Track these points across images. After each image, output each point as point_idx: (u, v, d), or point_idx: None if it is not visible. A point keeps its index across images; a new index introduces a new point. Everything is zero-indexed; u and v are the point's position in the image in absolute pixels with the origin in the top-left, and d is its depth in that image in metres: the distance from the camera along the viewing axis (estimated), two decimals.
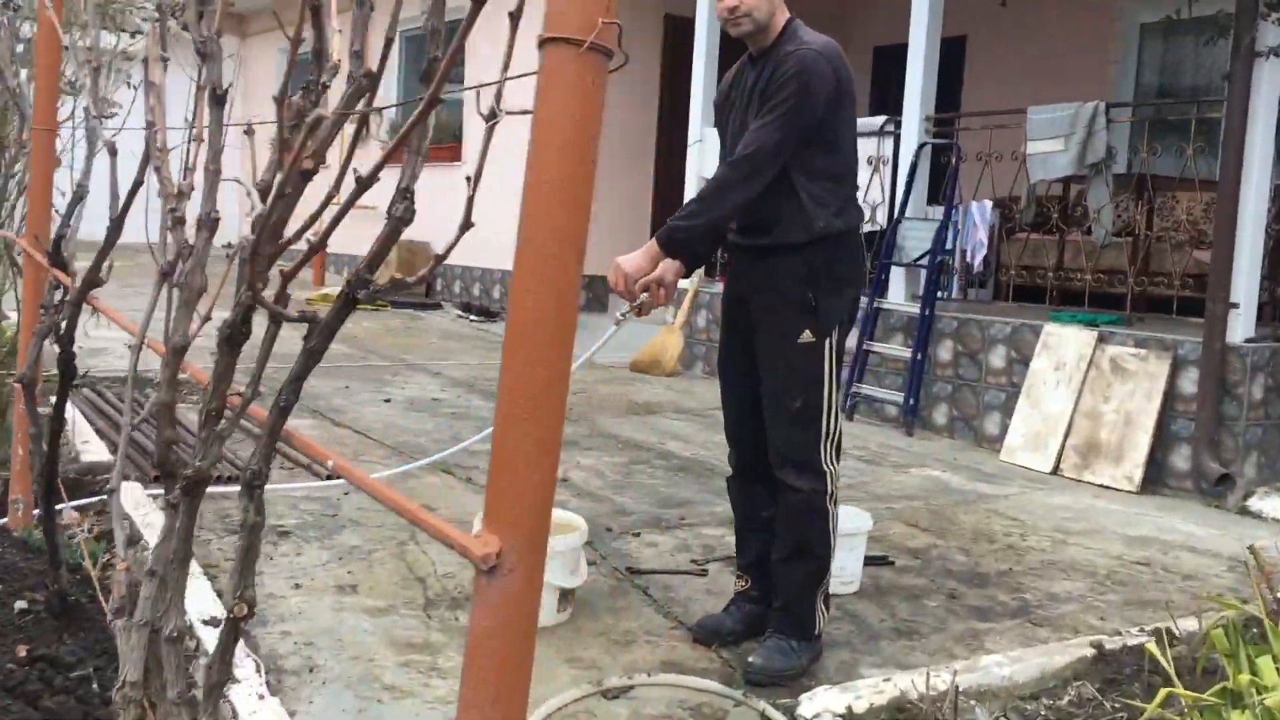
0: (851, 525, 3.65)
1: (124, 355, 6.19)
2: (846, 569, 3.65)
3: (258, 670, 2.73)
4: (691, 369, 8.47)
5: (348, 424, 5.59)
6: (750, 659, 2.98)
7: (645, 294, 3.09)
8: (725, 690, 2.85)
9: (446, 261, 10.89)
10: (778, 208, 2.94)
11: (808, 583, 3.04)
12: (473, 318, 10.32)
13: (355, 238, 11.48)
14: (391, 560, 3.62)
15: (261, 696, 2.59)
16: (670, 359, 8.12)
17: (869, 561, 3.88)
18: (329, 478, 4.49)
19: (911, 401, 6.61)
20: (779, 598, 3.08)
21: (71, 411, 5.23)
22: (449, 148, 11.30)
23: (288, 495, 4.23)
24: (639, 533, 4.14)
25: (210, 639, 2.81)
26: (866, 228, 7.39)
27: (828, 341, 2.98)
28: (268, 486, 1.53)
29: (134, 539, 3.59)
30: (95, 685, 2.50)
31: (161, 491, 3.85)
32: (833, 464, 3.05)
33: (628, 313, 3.13)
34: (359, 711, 2.61)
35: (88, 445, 4.66)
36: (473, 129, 11.02)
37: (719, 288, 8.20)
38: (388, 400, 6.29)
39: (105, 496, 3.55)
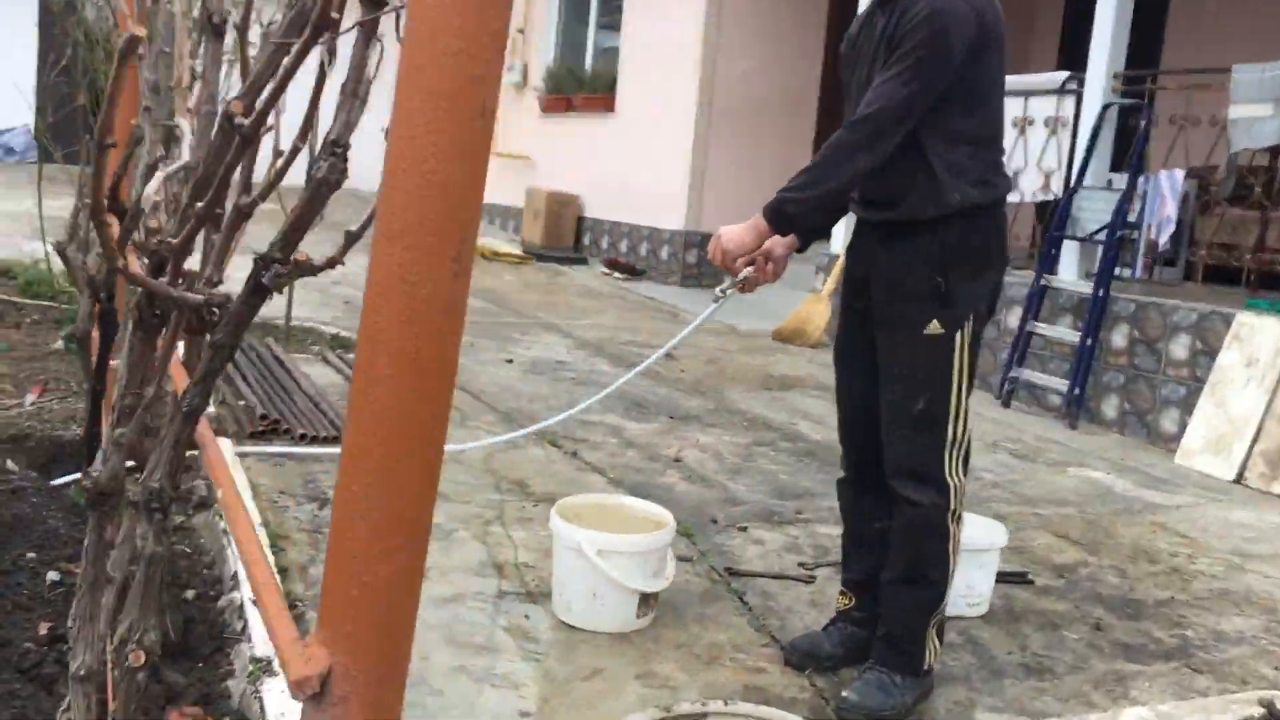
0: (983, 539, 3.20)
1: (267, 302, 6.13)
2: (975, 588, 3.21)
3: None
4: None
5: (462, 384, 5.38)
6: (845, 693, 2.59)
7: (750, 268, 2.71)
8: None
9: (594, 215, 10.67)
10: (906, 177, 2.50)
11: (919, 611, 2.63)
12: (617, 275, 10.04)
13: (512, 191, 11.35)
14: (472, 542, 3.36)
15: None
16: (816, 329, 7.66)
17: (1003, 579, 3.42)
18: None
19: (1077, 391, 6.00)
20: (885, 625, 2.68)
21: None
22: (602, 98, 10.99)
23: None
24: (746, 526, 3.77)
25: (258, 621, 2.60)
26: (1040, 197, 6.76)
27: (959, 334, 2.54)
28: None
29: (204, 503, 3.43)
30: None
31: (257, 448, 3.65)
32: (958, 476, 2.61)
33: (728, 289, 2.75)
34: None
35: None
36: (629, 79, 10.68)
37: None
38: (510, 361, 6.06)
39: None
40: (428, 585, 3.05)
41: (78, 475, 2.82)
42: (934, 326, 2.52)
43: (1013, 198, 7.38)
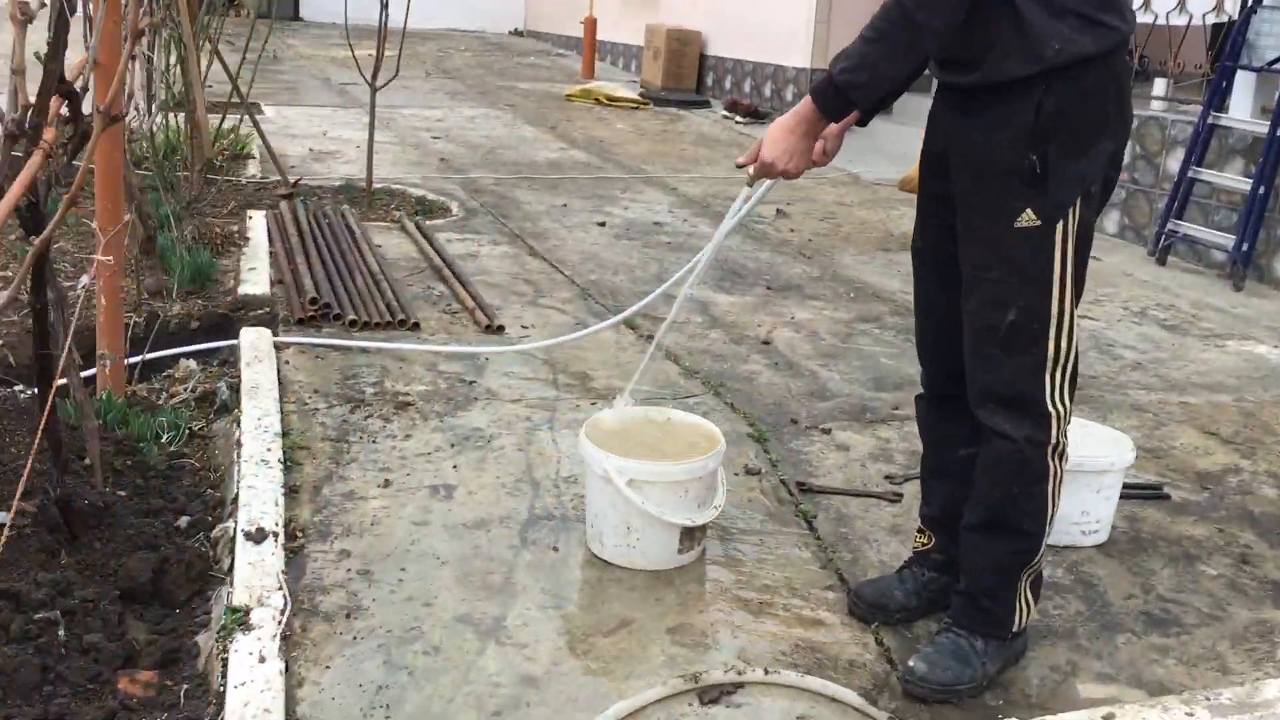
0: (1103, 457, 2.68)
1: (354, 160, 5.75)
2: (1090, 514, 2.71)
3: (282, 611, 2.22)
4: None
5: (544, 253, 4.98)
6: (912, 661, 2.17)
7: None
8: (862, 705, 2.08)
9: (717, 54, 9.95)
10: (987, 26, 1.92)
11: (1006, 564, 2.16)
12: (738, 119, 9.38)
13: (630, 29, 10.71)
14: (512, 452, 3.01)
15: (263, 659, 2.06)
16: None
17: (1129, 494, 2.90)
18: (493, 328, 3.91)
19: (1245, 247, 5.23)
20: (965, 577, 2.22)
21: (261, 226, 4.92)
22: None
23: (427, 356, 3.68)
24: (830, 428, 3.31)
25: (244, 561, 2.32)
26: (1210, 19, 5.82)
27: (1062, 225, 1.99)
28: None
29: (226, 406, 3.16)
30: (62, 633, 2.06)
31: (298, 338, 3.28)
32: (1061, 402, 2.09)
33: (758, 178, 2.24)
34: (378, 689, 2.05)
35: (254, 273, 4.29)
36: None
37: None
38: (602, 224, 5.62)
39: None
40: (452, 507, 2.74)
41: None
42: (1027, 217, 1.97)
43: (1179, 18, 6.41)
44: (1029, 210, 1.97)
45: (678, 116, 9.62)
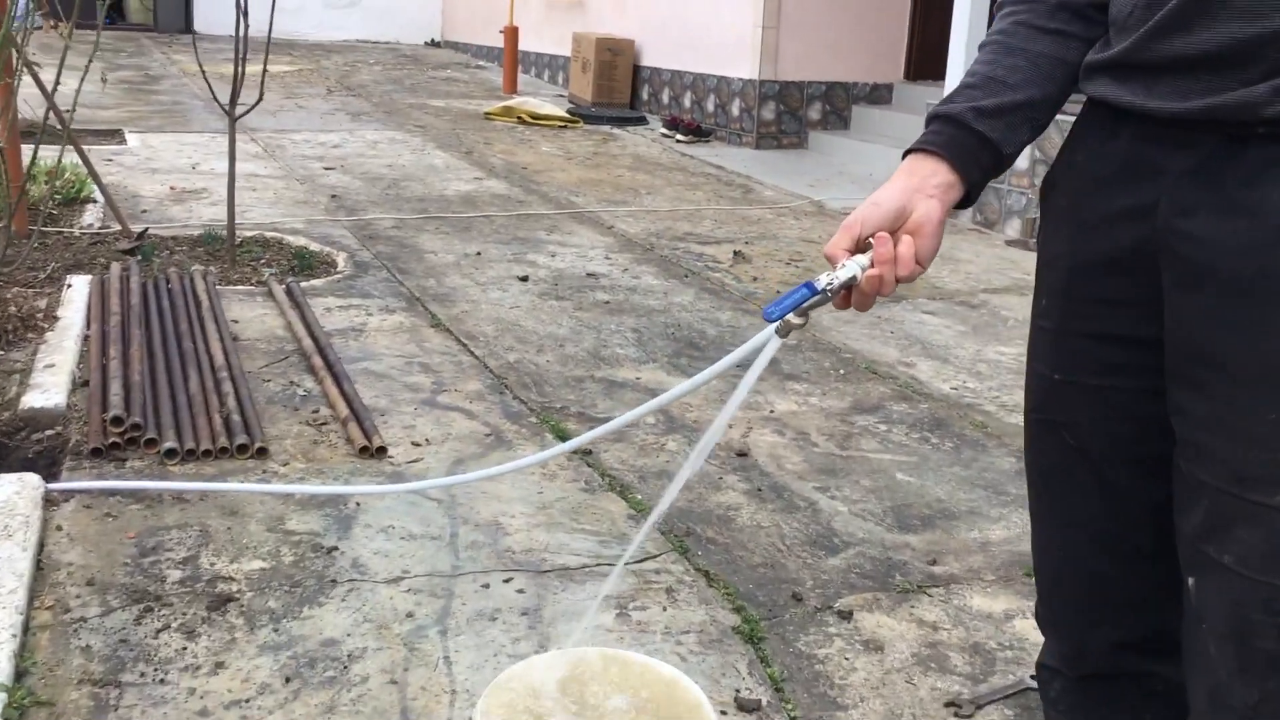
0: None
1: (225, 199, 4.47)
2: None
3: None
4: (955, 216, 6.32)
5: (449, 323, 3.93)
6: None
7: (859, 260, 1.19)
8: None
9: (653, 65, 8.93)
10: None
11: None
12: (679, 137, 8.38)
13: (555, 36, 9.47)
14: (379, 687, 1.96)
15: None
16: None
17: None
18: (371, 451, 2.85)
19: None
20: None
21: (80, 298, 3.79)
22: None
23: (271, 504, 2.62)
24: (849, 609, 2.30)
25: None
26: None
27: None
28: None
29: None
30: None
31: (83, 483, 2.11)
32: None
33: (815, 302, 1.21)
34: None
35: (50, 373, 3.18)
36: None
37: None
38: (524, 278, 4.58)
39: None
40: None
41: None
42: None
43: None
44: None
45: (611, 136, 8.60)
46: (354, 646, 2.06)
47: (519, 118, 8.77)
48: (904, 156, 1.24)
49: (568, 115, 8.96)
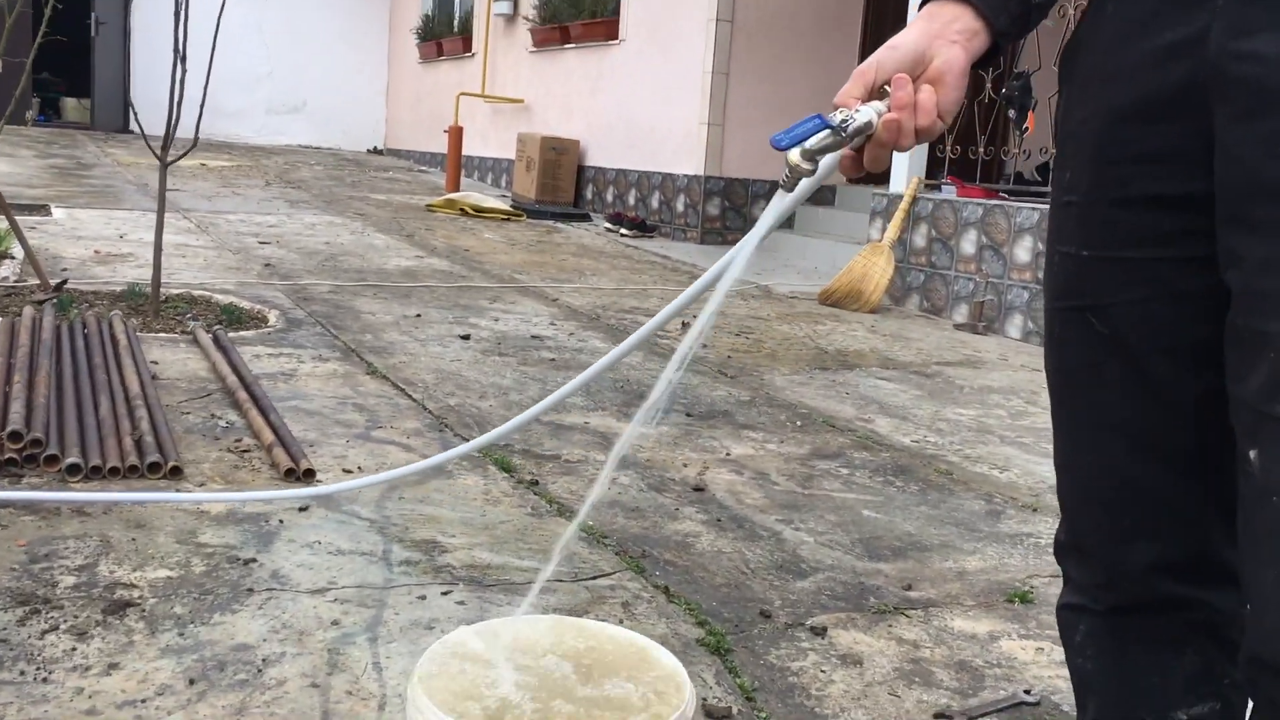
0: None
1: (151, 264, 4.24)
2: None
3: None
4: (903, 304, 6.30)
5: (386, 371, 3.72)
6: None
7: (875, 106, 1.05)
8: None
9: (597, 164, 8.95)
10: None
11: None
12: (624, 231, 8.35)
13: (501, 141, 9.47)
14: (298, 690, 1.71)
15: None
16: (875, 290, 5.98)
17: None
18: (298, 474, 2.62)
19: None
20: None
21: None
22: (605, 23, 9.26)
23: (181, 518, 2.38)
24: (823, 625, 2.10)
25: None
26: None
27: None
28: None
29: None
30: None
31: None
32: None
33: (828, 143, 1.06)
34: None
35: None
36: (635, 1, 8.94)
37: (950, 193, 5.99)
38: (466, 336, 4.40)
39: None
40: None
41: None
42: None
43: None
44: None
45: (555, 229, 8.55)
46: (270, 651, 1.82)
47: (462, 209, 8.70)
48: (921, 5, 1.12)
49: (511, 209, 8.91)
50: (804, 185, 1.08)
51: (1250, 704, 1.06)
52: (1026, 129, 5.73)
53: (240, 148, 13.33)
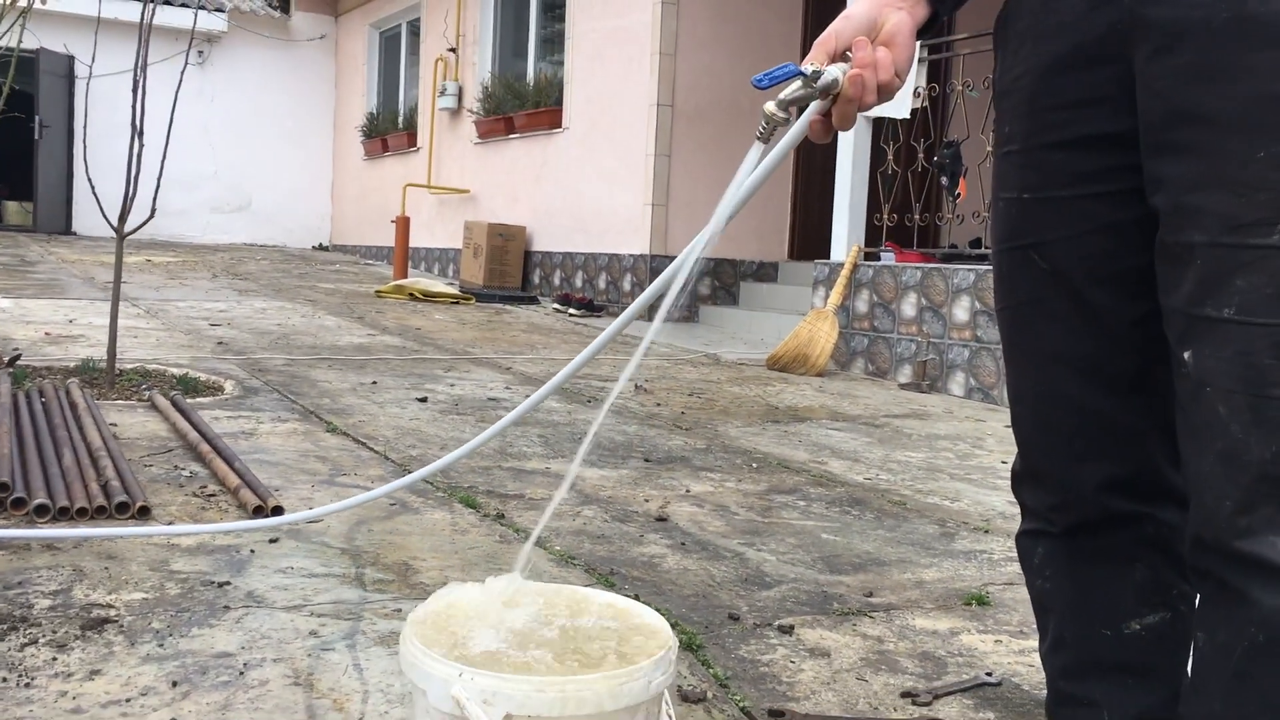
0: None
1: (102, 344, 4.29)
2: None
3: None
4: (848, 368, 6.45)
5: (346, 429, 3.76)
6: None
7: (838, 66, 1.18)
8: None
9: (544, 248, 9.10)
10: None
11: None
12: (572, 311, 8.48)
13: (448, 232, 9.62)
14: (281, 688, 1.74)
15: None
16: (821, 354, 6.13)
17: None
18: (266, 511, 2.64)
19: None
20: None
21: None
22: (548, 112, 9.51)
23: (153, 550, 2.40)
24: (790, 624, 2.16)
25: None
26: None
27: None
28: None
29: None
30: None
31: None
32: None
33: (794, 101, 1.18)
34: None
35: None
36: (577, 84, 9.21)
37: (889, 259, 6.19)
38: (423, 400, 4.45)
39: None
40: None
41: None
42: None
43: None
44: None
45: (504, 310, 8.65)
46: (251, 658, 1.84)
47: (411, 294, 8.78)
48: None
49: (460, 293, 9.01)
50: (780, 138, 1.20)
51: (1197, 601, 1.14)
52: (959, 194, 5.97)
53: (184, 246, 13.36)
